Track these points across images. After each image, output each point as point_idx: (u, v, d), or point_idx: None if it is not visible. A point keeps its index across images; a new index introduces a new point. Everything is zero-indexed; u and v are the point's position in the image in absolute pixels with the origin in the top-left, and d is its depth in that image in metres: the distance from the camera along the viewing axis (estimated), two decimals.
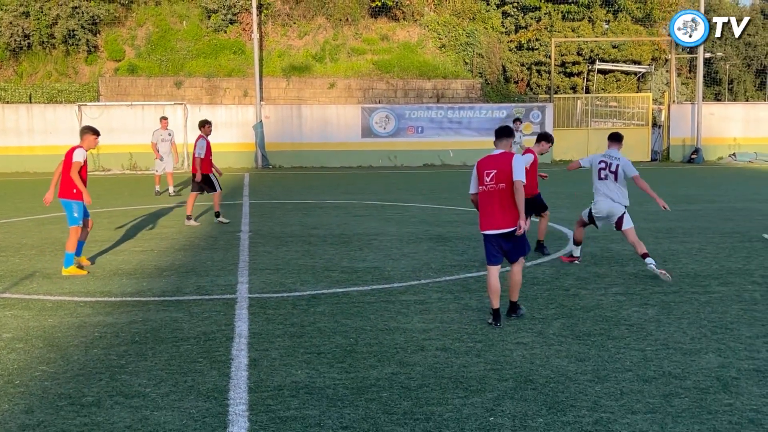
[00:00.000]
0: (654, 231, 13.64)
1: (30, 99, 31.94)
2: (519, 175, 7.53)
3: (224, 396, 5.80)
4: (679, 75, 46.15)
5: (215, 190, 15.33)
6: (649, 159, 33.69)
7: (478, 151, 31.77)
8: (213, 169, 15.42)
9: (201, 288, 9.47)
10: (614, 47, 38.88)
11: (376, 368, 6.40)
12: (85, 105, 30.64)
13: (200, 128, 15.54)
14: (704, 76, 38.12)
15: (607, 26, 39.45)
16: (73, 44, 33.09)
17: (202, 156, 15.06)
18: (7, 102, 31.37)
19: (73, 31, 32.54)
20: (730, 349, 6.83)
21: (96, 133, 10.91)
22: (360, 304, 8.59)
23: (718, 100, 52.61)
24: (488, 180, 7.60)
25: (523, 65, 38.45)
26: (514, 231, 7.54)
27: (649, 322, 7.76)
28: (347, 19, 35.75)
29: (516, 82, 38.58)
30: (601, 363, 6.50)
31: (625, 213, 10.20)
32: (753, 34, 54.33)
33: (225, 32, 34.86)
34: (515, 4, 37.89)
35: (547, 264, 10.79)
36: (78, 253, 10.70)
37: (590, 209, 10.54)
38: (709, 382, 6.00)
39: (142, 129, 30.51)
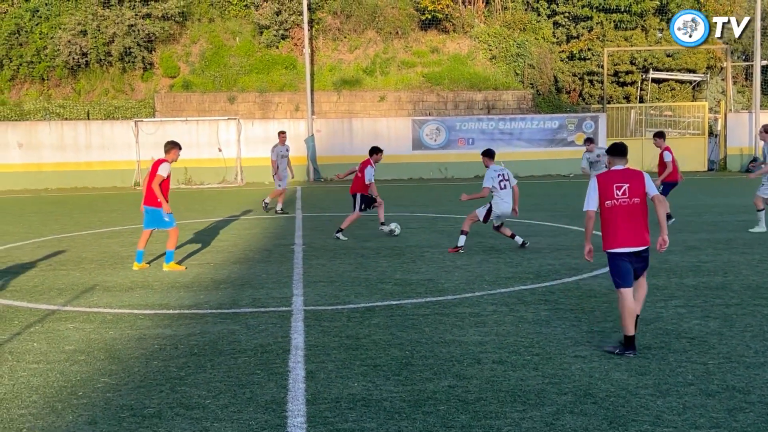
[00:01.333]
0: (713, 242, 13.37)
1: (88, 116, 32.70)
2: (655, 190, 7.34)
3: (282, 408, 5.83)
4: (735, 83, 45.23)
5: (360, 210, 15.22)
6: (706, 169, 33.09)
7: (530, 162, 31.60)
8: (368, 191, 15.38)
9: (257, 300, 9.56)
10: (668, 56, 38.30)
11: (433, 381, 6.38)
12: (142, 121, 31.25)
13: (370, 155, 15.67)
14: (761, 84, 37.31)
15: (660, 35, 38.88)
16: (129, 62, 33.81)
17: (372, 181, 15.14)
18: (66, 119, 32.15)
19: (129, 48, 33.25)
20: None
21: (180, 146, 12.09)
22: (414, 316, 8.58)
23: None
24: (620, 194, 7.18)
25: (575, 75, 38.11)
26: (647, 249, 7.27)
27: (710, 335, 7.60)
28: (397, 32, 35.90)
29: (568, 93, 38.25)
30: (662, 377, 6.38)
31: None
32: None
33: (277, 48, 35.27)
34: (566, 14, 37.61)
35: (604, 276, 10.64)
36: (138, 259, 11.90)
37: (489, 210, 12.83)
38: None
39: (196, 144, 31.01)
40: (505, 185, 12.81)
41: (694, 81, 39.67)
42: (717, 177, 30.25)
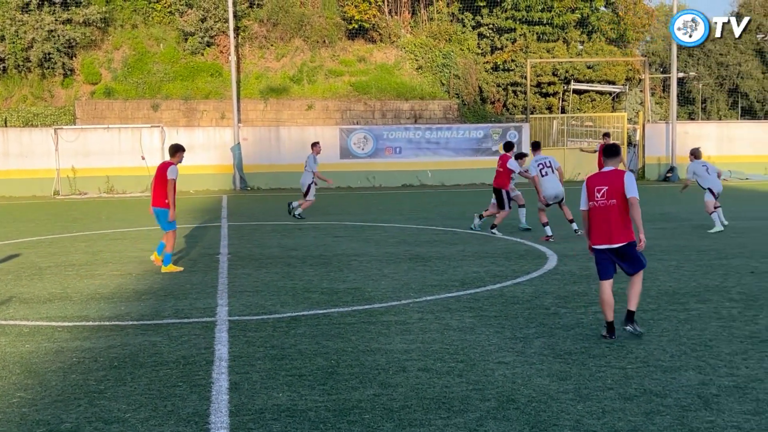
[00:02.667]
0: None
1: (5, 123, 31.70)
2: (633, 192, 7.75)
3: (205, 420, 5.74)
4: (653, 95, 46.68)
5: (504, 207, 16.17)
6: None
7: (456, 171, 31.96)
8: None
9: (180, 311, 9.40)
10: (589, 68, 39.28)
11: (358, 390, 6.37)
12: (62, 128, 30.45)
13: (507, 150, 16.24)
14: (678, 96, 38.58)
15: (581, 47, 39.87)
16: (48, 68, 32.92)
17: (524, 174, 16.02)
18: None
19: (49, 54, 32.38)
20: (710, 366, 6.87)
21: (184, 149, 12.85)
22: (341, 325, 8.56)
23: (692, 119, 53.24)
24: (599, 196, 7.79)
25: (499, 86, 38.73)
26: (626, 246, 7.76)
27: (629, 339, 7.79)
28: (324, 41, 35.89)
29: (493, 103, 38.84)
30: (582, 381, 6.51)
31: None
32: (725, 53, 55.12)
33: (202, 55, 34.85)
34: (491, 26, 38.21)
35: (527, 283, 10.82)
36: (160, 251, 12.49)
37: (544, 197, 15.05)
38: (690, 400, 6.03)
39: (118, 152, 30.40)
40: (546, 172, 14.96)
41: (614, 92, 40.76)
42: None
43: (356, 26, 35.89)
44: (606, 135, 22.69)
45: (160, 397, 6.29)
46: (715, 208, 16.42)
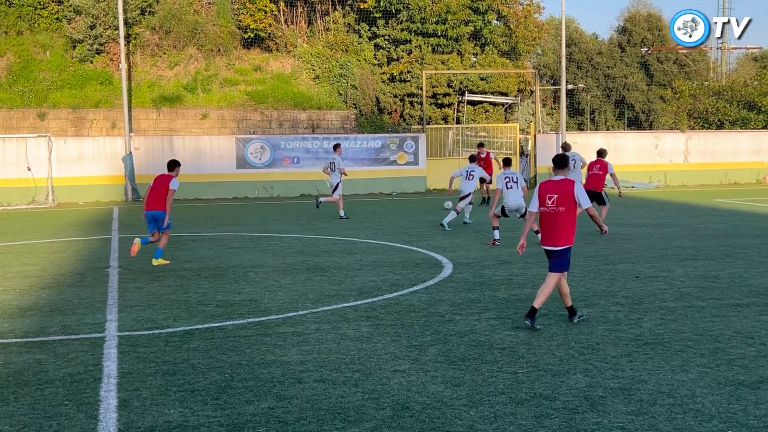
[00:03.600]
0: (523, 256, 14.06)
1: None
2: (587, 203, 8.78)
3: None
4: (544, 106, 48.12)
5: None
6: None
7: (354, 181, 32.02)
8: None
9: (67, 327, 9.07)
10: (482, 79, 40.16)
11: (253, 403, 6.29)
12: None
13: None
14: (567, 107, 39.90)
15: (474, 59, 40.73)
16: None
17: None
18: None
19: None
20: (597, 369, 7.10)
21: (180, 164, 14.86)
22: (236, 338, 8.43)
23: (581, 129, 55.12)
24: (549, 202, 8.61)
25: (396, 96, 39.13)
26: (553, 251, 8.71)
27: (520, 345, 7.97)
28: (219, 49, 35.44)
29: (390, 113, 39.20)
30: (475, 387, 6.62)
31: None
32: (611, 66, 57.33)
33: (91, 62, 33.85)
34: (387, 37, 38.60)
35: (423, 291, 10.94)
36: (158, 255, 13.89)
37: (503, 206, 15.64)
38: (578, 402, 6.21)
39: (2, 163, 29.14)
40: (511, 186, 15.64)
41: (507, 103, 41.81)
42: (528, 195, 31.93)
43: (252, 35, 35.61)
44: (480, 145, 25.50)
45: (45, 416, 6.04)
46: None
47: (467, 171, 19.08)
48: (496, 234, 15.98)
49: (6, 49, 33.36)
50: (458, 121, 39.53)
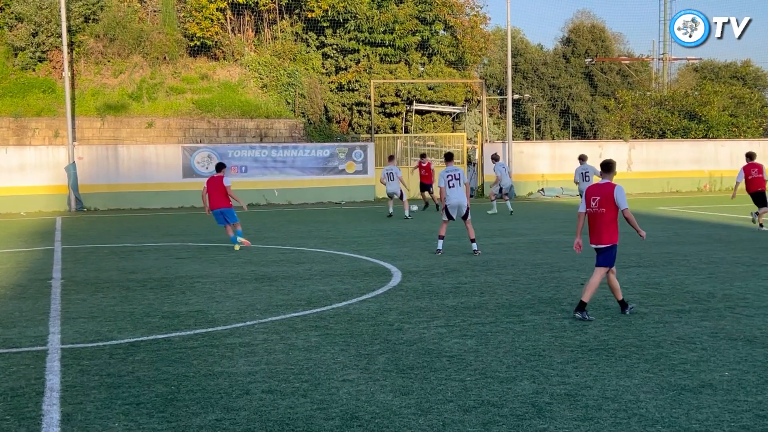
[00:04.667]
0: (471, 264, 14.18)
1: None
2: (624, 205, 9.52)
3: None
4: (491, 115, 48.61)
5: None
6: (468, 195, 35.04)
7: (303, 190, 31.97)
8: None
9: (8, 340, 8.85)
10: (430, 89, 40.43)
11: (199, 415, 6.22)
12: None
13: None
14: (513, 117, 40.42)
15: (422, 69, 41.00)
16: None
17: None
18: None
19: None
20: (543, 376, 7.18)
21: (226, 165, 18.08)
22: (182, 349, 8.33)
23: (527, 138, 55.78)
24: (593, 204, 9.61)
25: (344, 105, 39.16)
26: (601, 247, 9.67)
27: (468, 352, 8.03)
28: (165, 57, 35.07)
29: (338, 122, 39.22)
30: (423, 395, 6.64)
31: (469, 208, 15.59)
32: (556, 76, 58.18)
33: (33, 70, 33.21)
34: (335, 46, 38.63)
35: (372, 300, 10.95)
36: (235, 240, 16.96)
37: (446, 207, 15.43)
38: (525, 409, 6.28)
39: None
40: (453, 184, 15.45)
41: (454, 113, 42.14)
42: (475, 203, 32.20)
43: (198, 43, 35.34)
44: (422, 155, 28.05)
45: None
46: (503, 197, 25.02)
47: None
48: (440, 244, 15.72)
49: None
50: (406, 131, 39.71)
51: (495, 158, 26.01)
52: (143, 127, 32.86)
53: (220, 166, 17.60)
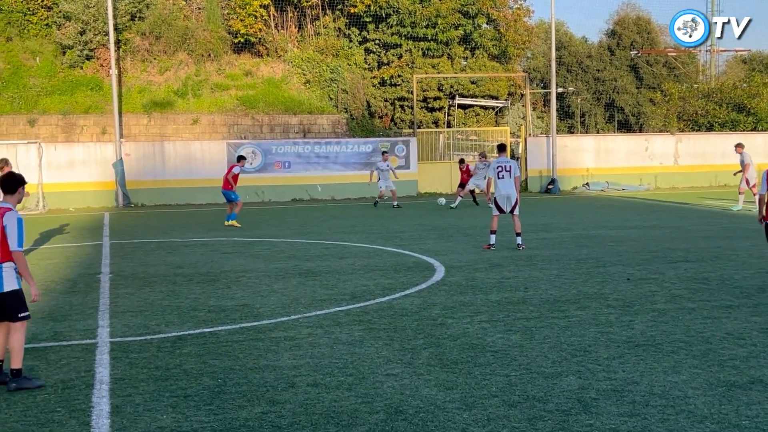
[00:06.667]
0: (515, 259, 14.11)
1: None
2: None
3: None
4: (534, 109, 48.26)
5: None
6: None
7: (346, 185, 32.05)
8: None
9: (59, 334, 9.05)
10: (473, 83, 40.25)
11: (246, 408, 6.28)
12: None
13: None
14: (557, 110, 40.01)
15: (465, 63, 40.83)
16: None
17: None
18: None
19: None
20: (589, 371, 7.12)
21: (245, 158, 22.73)
22: (228, 343, 8.43)
23: (571, 132, 55.28)
24: None
25: (386, 101, 39.18)
26: None
27: (512, 347, 7.99)
28: (209, 54, 35.43)
29: (381, 117, 39.25)
30: (468, 390, 6.63)
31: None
32: (601, 69, 57.54)
33: (81, 68, 33.79)
34: (377, 41, 38.66)
35: (415, 294, 10.95)
36: (232, 218, 21.10)
37: (495, 199, 15.40)
38: (571, 404, 6.23)
39: None
40: (503, 175, 15.35)
41: (497, 107, 41.92)
42: (522, 196, 31.99)
43: (242, 40, 35.62)
44: (461, 161, 28.38)
45: (37, 423, 6.03)
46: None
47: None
48: (492, 239, 15.65)
49: None
50: (449, 125, 39.61)
51: (483, 156, 25.88)
52: (188, 124, 33.26)
53: (239, 158, 22.32)
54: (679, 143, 36.72)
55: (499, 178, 15.43)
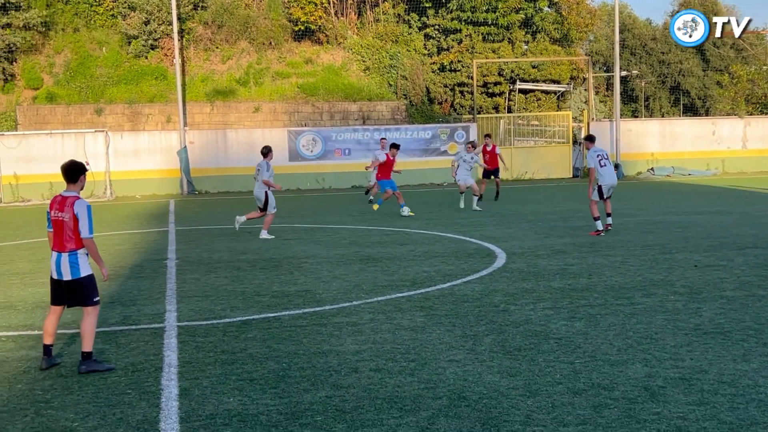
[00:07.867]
0: (578, 246, 13.94)
1: None
2: None
3: (155, 427, 5.67)
4: (597, 93, 47.44)
5: None
6: (571, 176, 34.48)
7: (406, 171, 31.98)
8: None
9: (128, 318, 9.27)
10: (534, 67, 39.76)
11: (310, 392, 6.36)
12: (3, 135, 29.78)
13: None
14: (621, 94, 39.29)
15: (526, 47, 40.33)
16: None
17: None
18: None
19: None
20: (656, 359, 7.00)
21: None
22: (292, 328, 8.53)
23: (635, 116, 54.22)
24: None
25: (446, 86, 38.97)
26: None
27: (576, 334, 7.91)
28: (270, 43, 35.73)
29: (440, 103, 39.08)
30: (531, 377, 6.59)
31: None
32: (666, 52, 56.23)
33: (146, 58, 34.42)
34: (437, 27, 38.46)
35: (477, 281, 10.91)
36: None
37: (599, 187, 15.28)
38: (637, 392, 6.14)
39: (62, 157, 29.65)
40: (605, 163, 15.28)
41: (559, 91, 41.32)
42: (582, 183, 31.56)
43: (302, 28, 35.82)
44: (488, 136, 25.84)
45: (108, 405, 6.19)
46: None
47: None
48: (599, 225, 15.31)
49: (63, 46, 34.11)
50: (510, 110, 39.22)
51: (472, 146, 23.15)
52: (250, 112, 33.64)
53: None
54: (748, 127, 35.73)
55: (601, 166, 15.34)
